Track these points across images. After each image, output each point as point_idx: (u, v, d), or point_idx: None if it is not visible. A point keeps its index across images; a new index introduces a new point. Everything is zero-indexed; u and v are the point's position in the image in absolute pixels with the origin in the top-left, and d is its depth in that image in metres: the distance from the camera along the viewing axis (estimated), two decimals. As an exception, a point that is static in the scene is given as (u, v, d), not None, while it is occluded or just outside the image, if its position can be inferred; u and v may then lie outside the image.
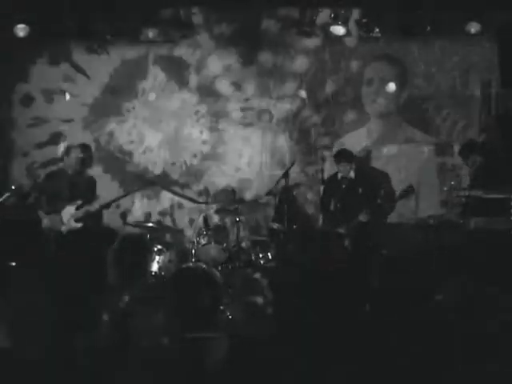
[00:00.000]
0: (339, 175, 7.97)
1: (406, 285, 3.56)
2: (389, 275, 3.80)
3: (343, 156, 7.91)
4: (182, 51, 9.05)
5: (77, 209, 7.31)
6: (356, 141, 9.07)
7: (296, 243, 7.44)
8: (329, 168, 8.88)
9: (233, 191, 8.24)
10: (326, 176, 8.72)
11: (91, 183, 7.64)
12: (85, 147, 7.75)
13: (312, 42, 8.97)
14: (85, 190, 7.50)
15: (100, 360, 2.97)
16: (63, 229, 7.21)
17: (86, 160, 7.66)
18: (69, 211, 7.29)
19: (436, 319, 3.15)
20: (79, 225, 7.26)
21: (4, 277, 3.91)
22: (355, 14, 8.66)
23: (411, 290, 3.50)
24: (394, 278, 3.74)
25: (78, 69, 9.03)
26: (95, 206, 7.39)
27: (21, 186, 7.68)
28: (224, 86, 9.13)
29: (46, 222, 7.22)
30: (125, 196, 8.07)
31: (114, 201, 7.72)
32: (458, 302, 3.10)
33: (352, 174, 7.86)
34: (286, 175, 7.85)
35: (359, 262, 4.82)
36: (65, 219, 7.26)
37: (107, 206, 7.60)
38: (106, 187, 8.54)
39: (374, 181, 8.16)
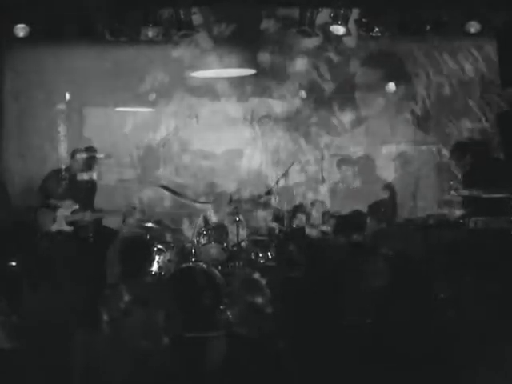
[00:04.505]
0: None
1: (406, 284, 3.57)
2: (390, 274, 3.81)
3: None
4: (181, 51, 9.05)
5: (72, 212, 7.32)
6: (355, 140, 9.08)
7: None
8: (328, 167, 8.89)
9: (229, 195, 8.29)
10: (325, 175, 8.74)
11: (93, 187, 7.67)
12: (88, 149, 7.77)
13: (312, 42, 8.95)
14: (85, 192, 7.53)
15: (99, 359, 2.97)
16: (53, 228, 7.21)
17: (90, 161, 7.68)
18: (64, 212, 7.30)
19: (437, 318, 3.15)
20: (70, 228, 7.26)
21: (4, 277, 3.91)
22: (355, 13, 8.65)
23: (412, 289, 3.50)
24: (395, 278, 3.75)
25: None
26: (91, 215, 7.39)
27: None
28: (223, 86, 9.12)
29: (39, 217, 7.21)
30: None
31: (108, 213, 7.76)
32: (459, 301, 3.10)
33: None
34: (285, 175, 7.88)
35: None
36: (58, 219, 7.26)
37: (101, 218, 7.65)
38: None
39: None
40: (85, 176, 7.57)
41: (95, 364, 2.90)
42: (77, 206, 7.32)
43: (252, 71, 9.09)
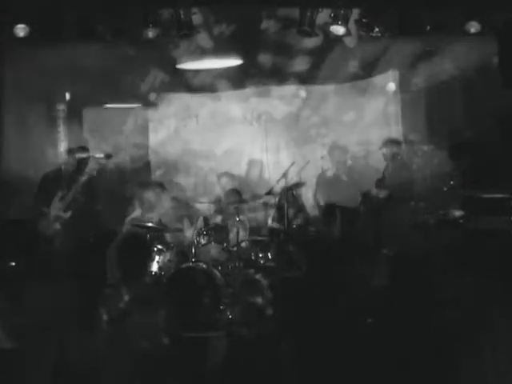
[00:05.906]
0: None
1: (407, 283, 3.57)
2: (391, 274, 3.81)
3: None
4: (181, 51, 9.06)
5: (60, 200, 7.36)
6: (355, 139, 9.10)
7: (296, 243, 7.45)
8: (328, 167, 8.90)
9: (239, 192, 8.29)
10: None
11: (91, 183, 7.69)
12: (83, 149, 7.83)
13: (312, 42, 8.95)
14: (84, 189, 7.56)
15: (99, 359, 2.97)
16: (54, 222, 7.25)
17: (85, 161, 7.71)
18: (55, 205, 7.35)
19: (439, 317, 3.16)
20: (68, 213, 7.32)
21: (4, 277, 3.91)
22: (355, 13, 8.64)
23: (413, 288, 3.51)
24: (395, 277, 3.75)
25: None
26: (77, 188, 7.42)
27: None
28: (224, 86, 9.13)
29: (40, 222, 7.26)
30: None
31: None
32: (459, 301, 3.11)
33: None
34: (285, 175, 7.89)
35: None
36: (53, 213, 7.30)
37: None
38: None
39: None
40: (81, 176, 7.59)
41: (95, 364, 2.90)
42: (61, 194, 7.36)
43: (252, 71, 9.08)
